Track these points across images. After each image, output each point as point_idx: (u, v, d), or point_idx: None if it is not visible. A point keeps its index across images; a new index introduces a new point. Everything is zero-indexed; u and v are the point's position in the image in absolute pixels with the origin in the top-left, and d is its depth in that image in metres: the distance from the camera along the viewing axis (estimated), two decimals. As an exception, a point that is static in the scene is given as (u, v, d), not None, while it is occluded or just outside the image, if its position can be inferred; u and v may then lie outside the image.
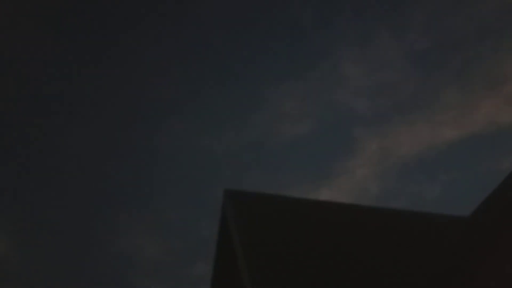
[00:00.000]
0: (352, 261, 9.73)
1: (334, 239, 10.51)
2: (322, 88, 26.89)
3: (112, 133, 27.99)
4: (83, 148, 27.94)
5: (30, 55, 25.93)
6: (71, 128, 27.55)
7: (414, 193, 28.43)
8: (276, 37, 26.76)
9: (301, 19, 25.98)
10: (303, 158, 28.30)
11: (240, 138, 28.08)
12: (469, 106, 26.49)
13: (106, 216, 28.81)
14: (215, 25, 26.17)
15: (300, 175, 28.54)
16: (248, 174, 28.27)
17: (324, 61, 26.70)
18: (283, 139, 28.10)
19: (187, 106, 27.72)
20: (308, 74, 26.84)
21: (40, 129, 27.08)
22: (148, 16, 26.06)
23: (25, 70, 26.33)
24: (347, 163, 27.77)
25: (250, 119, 27.66)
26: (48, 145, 27.82)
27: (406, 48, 26.29)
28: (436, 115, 26.60)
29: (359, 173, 27.70)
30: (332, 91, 27.08)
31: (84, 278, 27.03)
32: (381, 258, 9.95)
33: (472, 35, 26.19)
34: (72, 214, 28.32)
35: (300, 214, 11.50)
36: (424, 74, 26.75)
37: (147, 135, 28.31)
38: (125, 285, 28.05)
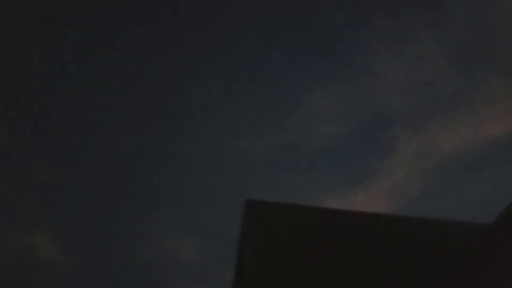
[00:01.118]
0: (362, 268, 10.01)
1: (347, 246, 10.79)
2: (358, 87, 26.72)
3: (148, 138, 28.28)
4: (122, 153, 28.29)
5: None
6: (112, 134, 27.92)
7: (458, 192, 27.59)
8: (311, 37, 26.80)
9: (335, 18, 26.01)
10: (339, 158, 27.89)
11: (275, 140, 28.00)
12: None
13: (145, 220, 29.08)
14: (249, 26, 26.44)
15: (337, 176, 28.15)
16: (283, 176, 28.13)
17: (360, 59, 26.57)
18: (318, 140, 27.85)
19: (220, 109, 27.90)
20: (343, 73, 26.71)
21: (84, 135, 27.54)
22: (182, 17, 26.38)
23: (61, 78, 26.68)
24: (385, 163, 27.23)
25: (285, 121, 27.60)
26: (91, 151, 28.17)
27: (445, 43, 25.90)
28: (479, 110, 25.99)
29: (398, 174, 27.05)
30: (368, 89, 26.84)
31: (122, 280, 27.36)
32: (393, 266, 10.22)
33: None
34: (110, 217, 28.67)
35: (317, 223, 11.78)
36: (465, 69, 26.27)
37: (183, 139, 28.55)
38: (162, 286, 28.27)
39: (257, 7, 26.06)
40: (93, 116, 27.58)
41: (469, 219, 12.94)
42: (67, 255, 28.14)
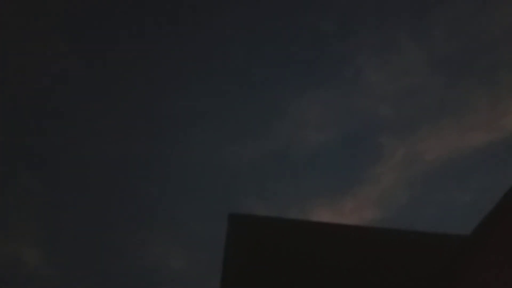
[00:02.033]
0: (343, 281, 10.09)
1: (329, 259, 10.86)
2: (345, 95, 26.92)
3: (136, 147, 28.26)
4: (109, 161, 28.24)
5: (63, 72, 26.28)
6: (99, 142, 27.89)
7: (443, 201, 27.75)
8: (298, 45, 27.04)
9: (322, 27, 26.28)
10: (327, 166, 28.02)
11: (263, 148, 28.05)
12: (498, 110, 26.21)
13: (132, 229, 28.93)
14: (236, 34, 26.62)
15: (325, 184, 28.21)
16: (271, 184, 28.16)
17: (347, 68, 26.84)
18: (306, 148, 27.96)
19: (208, 117, 27.95)
20: (330, 82, 26.94)
21: (71, 143, 27.49)
22: (169, 26, 26.50)
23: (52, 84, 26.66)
24: (373, 171, 27.39)
25: (273, 129, 27.72)
26: (77, 159, 28.06)
27: (430, 53, 26.28)
28: (464, 120, 26.34)
29: (386, 181, 27.24)
30: (355, 98, 27.06)
31: None
32: (375, 278, 10.31)
33: (499, 38, 26.12)
34: (99, 228, 28.53)
35: (299, 236, 11.85)
36: (450, 79, 26.64)
37: (170, 147, 28.52)
38: None
39: (245, 15, 26.32)
40: (82, 127, 27.55)
41: (454, 227, 13.04)
42: (55, 266, 27.98)
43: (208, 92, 28.08)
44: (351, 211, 26.57)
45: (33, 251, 28.05)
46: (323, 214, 27.59)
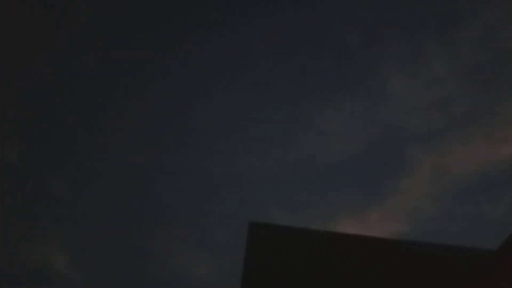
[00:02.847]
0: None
1: (348, 270, 10.56)
2: (370, 106, 26.60)
3: (162, 155, 28.45)
4: (136, 170, 28.51)
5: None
6: (125, 151, 28.20)
7: (473, 214, 27.11)
8: (324, 56, 26.91)
9: (348, 38, 26.10)
10: (353, 178, 27.73)
11: (287, 158, 27.91)
12: None
13: (156, 235, 29.13)
14: (262, 45, 26.65)
15: (350, 195, 27.88)
16: (296, 194, 27.99)
17: (372, 79, 26.54)
18: (332, 158, 27.70)
19: (234, 127, 28.00)
20: (355, 93, 26.67)
21: (99, 151, 27.86)
22: (194, 34, 26.68)
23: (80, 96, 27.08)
24: (399, 183, 26.93)
25: (297, 139, 27.57)
26: (104, 167, 28.45)
27: (459, 63, 25.82)
28: (495, 131, 25.73)
29: (413, 194, 26.72)
30: (381, 109, 26.70)
31: None
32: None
33: None
34: (123, 234, 28.77)
35: (319, 246, 11.59)
36: (479, 89, 26.10)
37: (196, 156, 28.66)
38: None
39: (271, 26, 26.26)
40: (106, 132, 27.84)
41: (483, 242, 12.60)
42: (80, 270, 28.21)
43: (234, 103, 28.08)
44: (376, 223, 26.08)
45: (60, 255, 28.37)
46: (348, 225, 27.18)
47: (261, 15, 26.34)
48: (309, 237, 11.81)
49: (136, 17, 26.42)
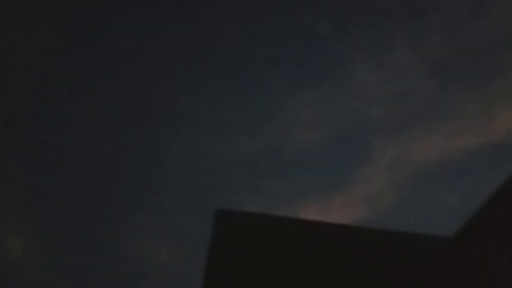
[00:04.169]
0: (328, 279, 10.10)
1: (313, 257, 10.87)
2: (337, 96, 27.11)
3: (127, 139, 28.23)
4: (99, 153, 28.20)
5: (44, 61, 26.20)
6: (87, 134, 27.81)
7: (431, 202, 28.19)
8: (292, 45, 27.15)
9: (318, 28, 26.39)
10: (318, 165, 28.27)
11: (255, 146, 28.24)
12: (488, 115, 26.51)
13: (119, 220, 28.99)
14: (231, 34, 26.64)
15: (315, 183, 28.55)
16: (262, 181, 28.37)
17: (340, 69, 26.97)
18: (298, 146, 28.20)
19: (202, 113, 28.03)
20: (323, 82, 27.10)
21: (60, 133, 27.40)
22: (166, 24, 26.50)
23: (39, 76, 26.60)
24: (362, 171, 27.68)
25: (265, 127, 27.88)
26: (67, 149, 28.02)
27: (424, 56, 26.50)
28: (454, 123, 26.66)
29: (375, 181, 27.57)
30: (347, 99, 27.25)
31: (95, 281, 27.26)
32: (358, 277, 10.33)
33: (491, 43, 26.39)
34: (85, 218, 28.53)
35: (286, 233, 11.86)
36: (442, 82, 26.92)
37: (162, 141, 28.61)
38: None
39: (240, 14, 26.30)
40: (66, 114, 27.49)
41: (440, 229, 13.09)
42: (36, 256, 27.95)
43: (201, 90, 28.10)
44: (339, 209, 26.74)
45: (19, 241, 28.03)
46: (312, 212, 27.77)
47: (231, 2, 26.35)
48: (274, 224, 12.07)
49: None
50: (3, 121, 26.53)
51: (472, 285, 7.49)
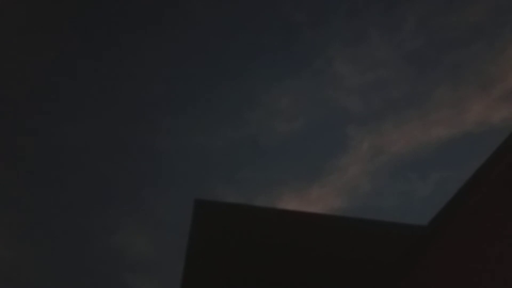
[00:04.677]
0: (307, 268, 10.30)
1: (289, 247, 11.05)
2: (315, 86, 27.36)
3: (106, 131, 28.01)
4: (77, 145, 27.90)
5: (27, 52, 25.77)
6: (66, 125, 27.49)
7: (405, 191, 28.82)
8: (270, 35, 27.21)
9: (294, 17, 26.47)
10: (296, 155, 28.58)
11: (233, 136, 28.37)
12: (462, 105, 27.08)
13: (98, 213, 28.82)
14: (208, 23, 26.53)
15: (293, 172, 28.94)
16: (241, 171, 28.56)
17: (318, 59, 27.16)
18: (276, 136, 28.46)
19: (180, 105, 27.97)
20: (301, 72, 27.27)
21: (36, 127, 27.02)
22: (144, 17, 26.29)
23: (22, 67, 26.15)
24: (339, 161, 28.10)
25: (243, 117, 27.99)
26: (43, 142, 27.68)
27: (399, 47, 26.90)
28: (428, 114, 27.16)
29: (351, 171, 28.02)
30: (325, 89, 27.55)
31: (75, 274, 27.13)
32: (334, 265, 10.54)
33: (465, 34, 26.85)
34: (64, 211, 28.30)
35: (265, 223, 12.01)
36: (416, 72, 27.27)
37: (141, 133, 28.49)
38: (116, 281, 28.12)
39: (218, 4, 26.22)
40: (42, 104, 27.18)
41: (414, 218, 13.37)
42: (12, 249, 27.71)
43: (179, 80, 28.02)
44: (317, 199, 27.10)
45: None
46: (290, 201, 28.07)
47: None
48: (253, 214, 12.20)
49: None
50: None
51: (446, 272, 7.73)
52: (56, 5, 25.11)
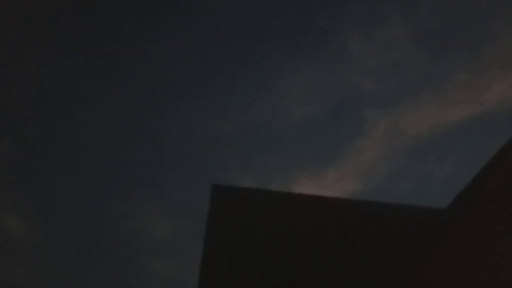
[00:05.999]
0: (326, 253, 10.34)
1: (310, 231, 11.09)
2: (330, 69, 27.17)
3: (124, 116, 28.28)
4: (96, 131, 28.25)
5: (37, 40, 25.96)
6: (84, 111, 27.83)
7: (423, 174, 28.62)
8: (283, 18, 27.05)
9: (309, 1, 26.26)
10: (311, 139, 28.60)
11: (248, 121, 28.40)
12: (481, 85, 26.64)
13: (117, 197, 29.24)
14: (222, 8, 26.51)
15: (308, 156, 28.92)
16: (256, 156, 28.66)
17: (332, 42, 26.95)
18: (291, 120, 28.41)
19: (195, 90, 28.09)
20: (316, 56, 27.11)
21: (55, 112, 27.36)
22: (162, 7, 26.35)
23: (30, 53, 26.38)
24: (355, 144, 27.99)
25: (258, 101, 27.99)
26: (62, 128, 28.05)
27: (415, 27, 26.49)
28: (446, 95, 26.82)
29: (367, 154, 27.88)
30: (340, 72, 27.32)
31: (94, 257, 27.61)
32: (353, 250, 10.57)
33: (483, 13, 26.38)
34: (83, 195, 28.72)
35: (283, 208, 12.06)
36: (434, 53, 26.96)
37: (157, 118, 28.72)
38: (134, 264, 28.57)
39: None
40: (65, 93, 27.43)
41: (432, 201, 13.32)
42: (39, 234, 28.16)
43: (196, 66, 28.05)
44: (333, 183, 27.05)
45: (16, 219, 28.18)
46: (306, 186, 28.09)
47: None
48: (270, 199, 12.25)
49: None
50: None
51: (464, 256, 7.72)
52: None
